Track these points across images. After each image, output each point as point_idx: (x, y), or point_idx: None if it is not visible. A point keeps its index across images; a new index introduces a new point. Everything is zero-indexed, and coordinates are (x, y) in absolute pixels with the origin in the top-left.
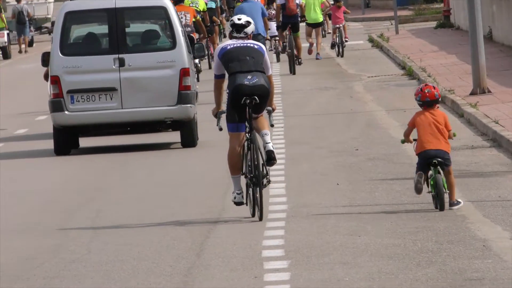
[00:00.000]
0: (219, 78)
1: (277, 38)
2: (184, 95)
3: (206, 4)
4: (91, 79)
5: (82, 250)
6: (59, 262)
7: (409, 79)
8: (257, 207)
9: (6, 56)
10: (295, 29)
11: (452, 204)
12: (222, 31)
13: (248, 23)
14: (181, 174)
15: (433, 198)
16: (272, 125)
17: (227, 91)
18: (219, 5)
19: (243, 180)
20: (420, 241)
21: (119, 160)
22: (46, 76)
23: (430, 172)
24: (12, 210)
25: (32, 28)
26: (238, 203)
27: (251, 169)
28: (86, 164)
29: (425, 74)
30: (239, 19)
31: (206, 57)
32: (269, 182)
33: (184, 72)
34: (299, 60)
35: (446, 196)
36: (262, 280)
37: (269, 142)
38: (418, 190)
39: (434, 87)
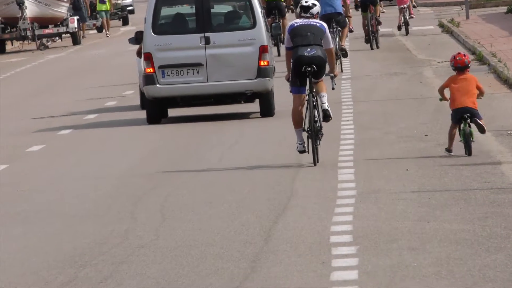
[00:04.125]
0: (289, 49)
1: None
2: (263, 70)
3: None
4: (180, 55)
5: (151, 235)
6: (127, 247)
7: (479, 65)
8: (316, 155)
9: (76, 42)
10: (374, 4)
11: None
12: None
13: (314, 5)
14: (253, 157)
15: (464, 146)
16: (333, 88)
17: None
18: None
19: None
20: (489, 227)
21: (201, 131)
22: (139, 53)
23: (462, 125)
24: (85, 195)
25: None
26: (301, 151)
27: (309, 125)
28: (168, 137)
29: (495, 59)
30: (306, 2)
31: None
32: (322, 135)
33: (263, 49)
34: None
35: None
36: (330, 265)
37: (325, 103)
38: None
39: (464, 55)
